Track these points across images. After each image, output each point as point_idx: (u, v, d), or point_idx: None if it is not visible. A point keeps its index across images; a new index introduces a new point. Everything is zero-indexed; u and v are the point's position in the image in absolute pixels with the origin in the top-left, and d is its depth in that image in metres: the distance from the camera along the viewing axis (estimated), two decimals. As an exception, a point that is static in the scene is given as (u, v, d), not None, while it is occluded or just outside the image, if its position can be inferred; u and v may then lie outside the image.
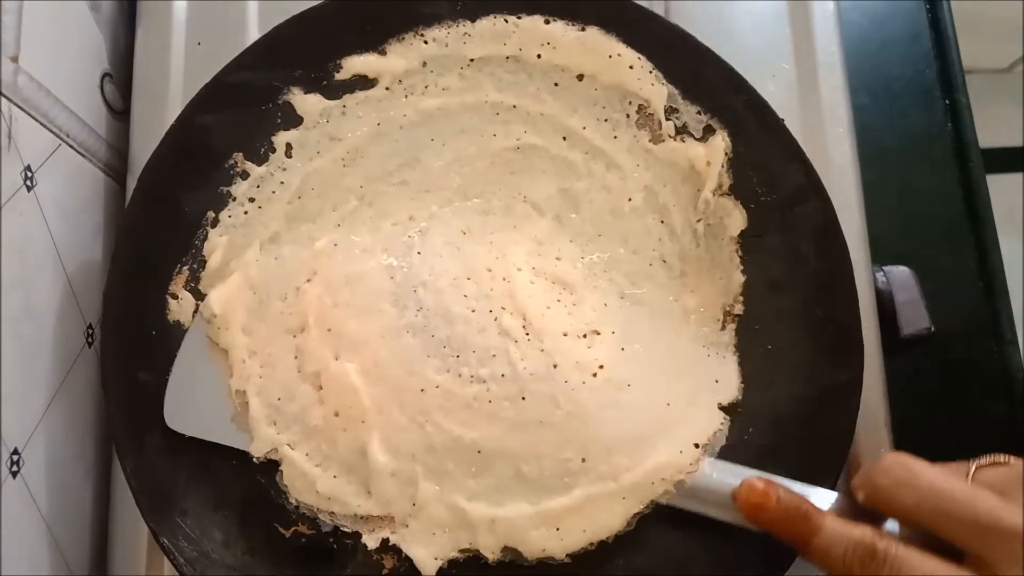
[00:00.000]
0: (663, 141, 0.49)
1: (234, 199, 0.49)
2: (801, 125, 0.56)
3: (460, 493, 0.45)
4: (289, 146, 0.50)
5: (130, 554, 0.51)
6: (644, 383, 0.47)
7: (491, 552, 0.45)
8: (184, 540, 0.44)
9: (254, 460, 0.47)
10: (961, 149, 0.66)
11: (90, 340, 0.52)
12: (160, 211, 0.48)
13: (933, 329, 0.54)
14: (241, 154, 0.49)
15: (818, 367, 0.46)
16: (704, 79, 0.49)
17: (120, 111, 0.58)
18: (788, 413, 0.46)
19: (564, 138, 0.50)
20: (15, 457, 0.44)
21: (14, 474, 0.43)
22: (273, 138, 0.49)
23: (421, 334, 0.47)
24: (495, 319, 0.47)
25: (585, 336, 0.48)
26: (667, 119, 0.49)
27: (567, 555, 0.45)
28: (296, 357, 0.47)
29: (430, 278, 0.48)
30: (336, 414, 0.46)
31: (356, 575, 0.46)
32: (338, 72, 0.49)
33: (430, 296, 0.47)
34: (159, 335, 0.47)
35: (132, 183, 0.53)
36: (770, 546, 0.42)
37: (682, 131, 0.49)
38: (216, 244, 0.48)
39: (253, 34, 0.56)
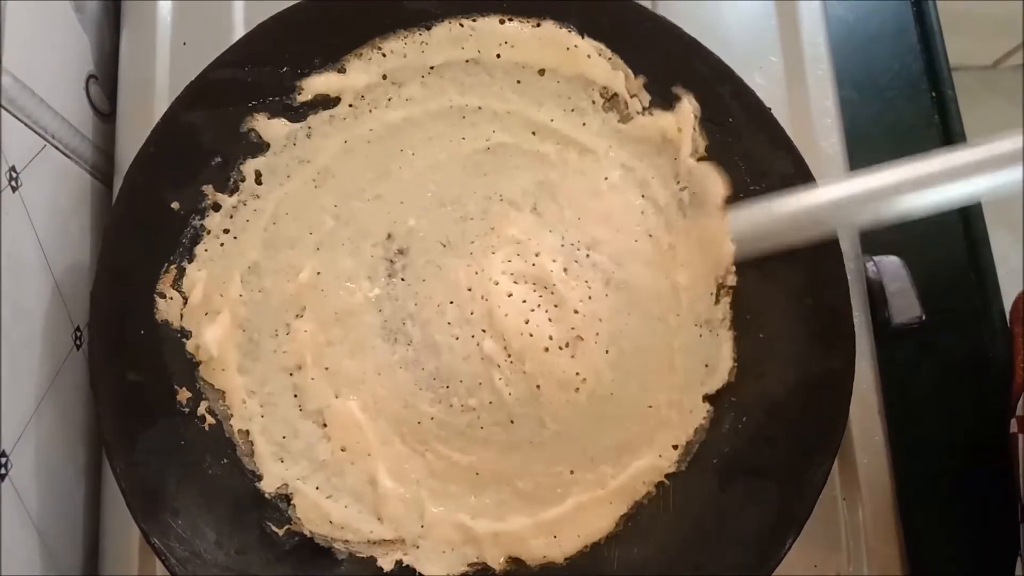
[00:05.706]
0: (632, 119, 0.50)
1: (208, 232, 0.48)
2: (789, 117, 0.56)
3: (464, 512, 0.47)
4: (259, 173, 0.49)
5: (122, 555, 0.51)
6: (627, 389, 0.48)
7: (497, 563, 0.47)
8: (175, 540, 0.44)
9: (265, 495, 0.47)
10: (948, 141, 0.66)
11: (78, 342, 0.52)
12: (146, 210, 0.47)
13: (925, 318, 0.54)
14: (211, 186, 0.48)
15: (810, 355, 0.46)
16: (691, 69, 0.49)
17: (106, 113, 0.58)
18: (781, 401, 0.46)
19: (533, 133, 0.50)
20: (3, 460, 0.43)
21: (1, 477, 0.43)
22: (242, 167, 0.49)
23: (412, 367, 0.49)
24: (477, 344, 0.48)
25: (568, 344, 0.48)
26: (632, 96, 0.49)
27: (565, 559, 0.46)
28: (295, 395, 0.48)
29: (416, 308, 0.49)
30: (343, 449, 0.48)
31: (350, 573, 0.45)
32: (299, 94, 0.49)
33: (418, 329, 0.49)
34: (147, 334, 0.47)
35: (118, 184, 0.53)
36: (758, 540, 0.42)
37: (649, 106, 0.49)
38: (196, 279, 0.48)
39: (238, 33, 0.56)
